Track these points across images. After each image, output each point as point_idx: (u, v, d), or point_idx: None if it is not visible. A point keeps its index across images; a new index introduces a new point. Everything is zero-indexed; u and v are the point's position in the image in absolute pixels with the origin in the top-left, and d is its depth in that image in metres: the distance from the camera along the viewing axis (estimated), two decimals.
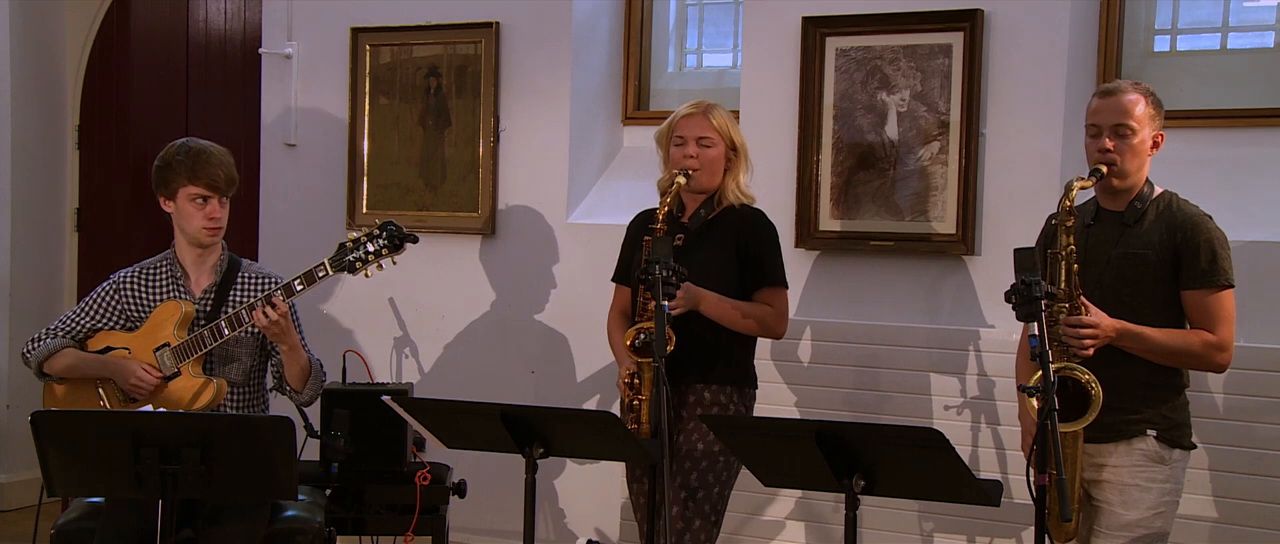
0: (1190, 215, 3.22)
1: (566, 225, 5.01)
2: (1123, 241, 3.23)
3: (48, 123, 6.03)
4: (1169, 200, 3.27)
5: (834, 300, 4.51)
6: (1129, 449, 3.19)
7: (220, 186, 3.66)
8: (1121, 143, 3.19)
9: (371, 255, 3.57)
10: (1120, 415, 3.16)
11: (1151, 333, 3.16)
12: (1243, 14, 4.38)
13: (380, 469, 4.16)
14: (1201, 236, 3.18)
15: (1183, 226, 3.19)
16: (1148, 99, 3.23)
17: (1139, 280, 3.20)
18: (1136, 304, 3.19)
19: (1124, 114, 3.19)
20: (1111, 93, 3.24)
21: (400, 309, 5.25)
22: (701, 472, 3.51)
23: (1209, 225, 3.21)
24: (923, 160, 4.35)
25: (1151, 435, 3.19)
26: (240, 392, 3.76)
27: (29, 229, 5.93)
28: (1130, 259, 3.21)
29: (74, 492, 3.54)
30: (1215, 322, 3.18)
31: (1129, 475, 3.19)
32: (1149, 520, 3.19)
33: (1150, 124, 3.22)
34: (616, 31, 5.18)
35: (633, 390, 3.50)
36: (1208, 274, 3.17)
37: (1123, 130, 3.19)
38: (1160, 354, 3.18)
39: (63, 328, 3.77)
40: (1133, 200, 3.25)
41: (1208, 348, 3.18)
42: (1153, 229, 3.22)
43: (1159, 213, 3.24)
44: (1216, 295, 3.18)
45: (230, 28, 5.80)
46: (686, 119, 3.61)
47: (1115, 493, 3.19)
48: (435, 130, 5.19)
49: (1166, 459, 3.21)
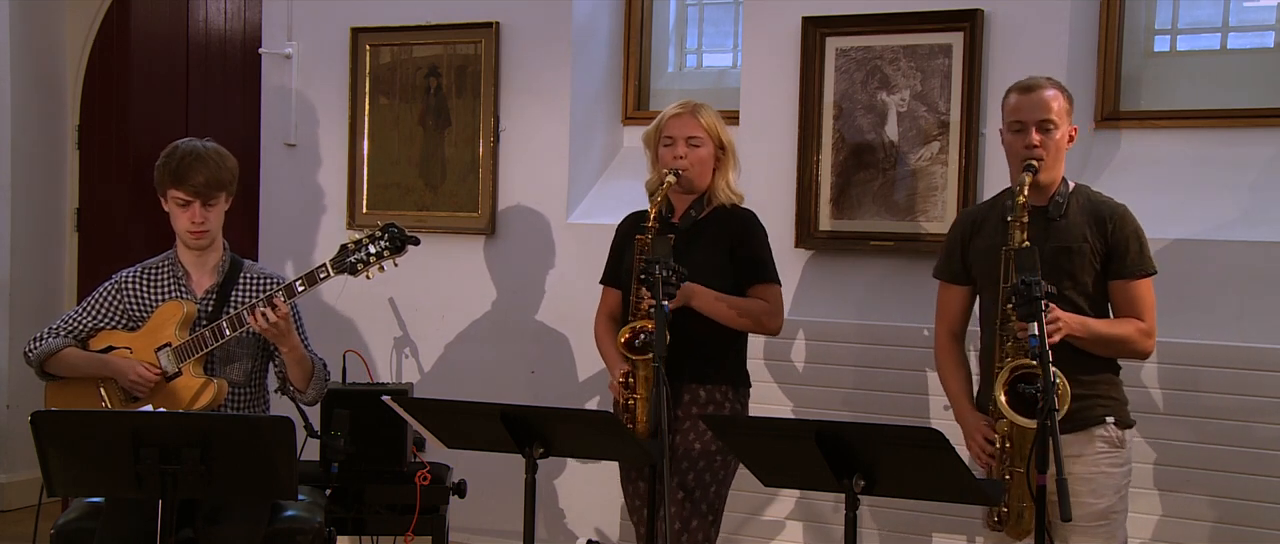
0: (1115, 207, 3.33)
1: (566, 225, 5.01)
2: (1053, 236, 3.30)
3: (48, 123, 6.03)
4: (1085, 191, 3.38)
5: (833, 300, 4.51)
6: (1089, 438, 3.27)
7: (200, 192, 3.65)
8: (1046, 138, 3.28)
9: (373, 257, 3.57)
10: (1077, 403, 3.19)
11: (1097, 324, 3.26)
12: (1243, 14, 4.38)
13: (380, 469, 4.16)
14: (1129, 228, 3.30)
15: (1111, 218, 3.30)
16: (1064, 94, 3.33)
17: (1074, 272, 3.28)
18: (1071, 295, 3.27)
19: (1046, 109, 3.28)
20: (1031, 88, 3.32)
21: (400, 309, 5.25)
22: (699, 471, 3.51)
23: (1132, 215, 3.34)
24: (922, 160, 4.35)
25: (1110, 422, 3.28)
26: (241, 392, 3.76)
27: (29, 229, 5.93)
28: (1064, 252, 3.28)
29: (74, 492, 3.54)
30: (1144, 309, 3.30)
31: (1093, 465, 3.27)
32: (1116, 504, 3.30)
33: (1067, 119, 3.33)
34: (616, 31, 5.18)
35: (627, 390, 3.49)
36: (1138, 264, 3.29)
37: (1047, 125, 3.28)
38: (1103, 344, 3.27)
39: (64, 327, 3.77)
40: (1053, 194, 3.33)
41: (1140, 335, 3.28)
42: (1078, 221, 3.30)
43: (1080, 205, 3.33)
44: (1144, 283, 3.31)
45: (230, 28, 5.80)
46: (675, 119, 3.60)
47: (1083, 484, 3.23)
48: (435, 130, 5.19)
49: (1123, 441, 3.31)
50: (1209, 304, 3.98)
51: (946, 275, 3.54)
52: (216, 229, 3.74)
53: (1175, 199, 4.13)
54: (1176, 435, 3.91)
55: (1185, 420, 3.91)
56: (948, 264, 3.53)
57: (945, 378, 3.55)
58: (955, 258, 3.50)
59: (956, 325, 3.55)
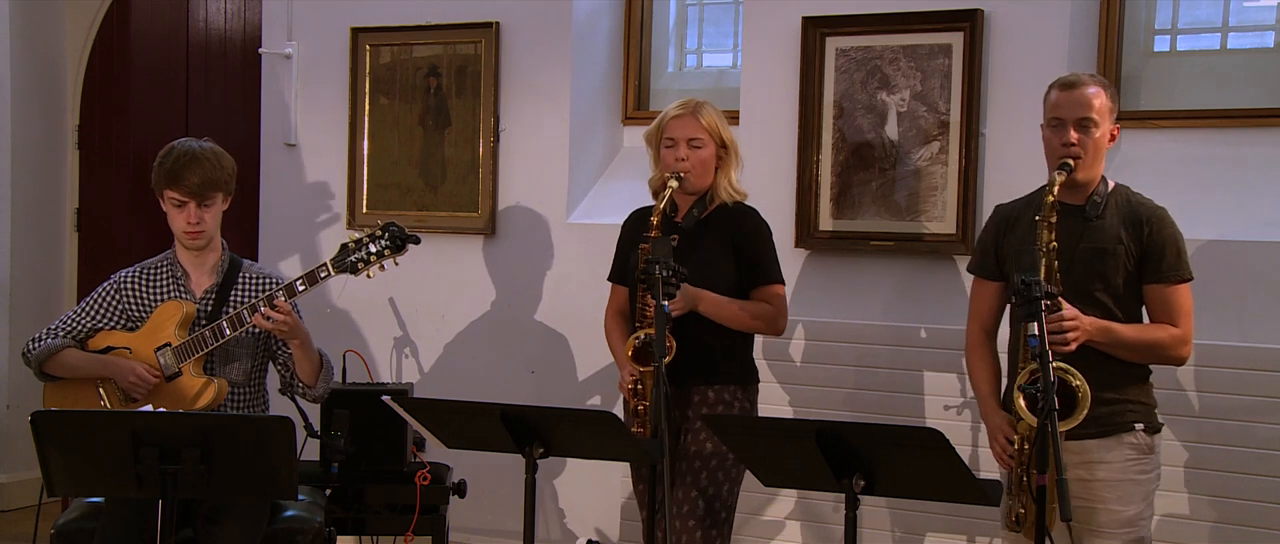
0: (1154, 209, 3.25)
1: (566, 225, 5.01)
2: (1087, 236, 3.23)
3: (48, 123, 6.03)
4: (1125, 193, 3.29)
5: (833, 300, 4.51)
6: (1118, 444, 3.20)
7: (195, 193, 3.64)
8: (1085, 136, 3.20)
9: (373, 256, 3.57)
10: (1106, 408, 3.16)
11: (1123, 329, 3.19)
12: (1243, 14, 4.38)
13: (380, 469, 4.16)
14: (1167, 231, 3.22)
15: (1149, 220, 3.22)
16: (1107, 92, 3.24)
17: (1106, 274, 3.21)
18: (1103, 298, 3.21)
19: (1087, 107, 3.20)
20: (1073, 85, 3.24)
21: (400, 309, 5.25)
22: (711, 471, 3.51)
23: (1171, 219, 3.25)
24: (923, 160, 4.35)
25: (1140, 429, 3.21)
26: (241, 392, 3.76)
27: (29, 229, 5.93)
28: (1097, 253, 3.21)
29: (74, 492, 3.53)
30: (1178, 315, 3.21)
31: (1121, 471, 3.20)
32: (1144, 510, 3.23)
33: (1109, 118, 3.24)
34: (616, 31, 5.18)
35: (636, 396, 3.50)
36: (1175, 268, 3.21)
37: (1086, 124, 3.20)
38: (1131, 349, 3.20)
39: (64, 328, 3.77)
40: (1091, 194, 3.26)
41: (1175, 341, 3.21)
42: (1115, 223, 3.23)
43: (1118, 206, 3.25)
44: (1180, 289, 3.22)
45: (230, 28, 5.80)
46: (676, 120, 3.60)
47: (1110, 490, 3.19)
48: (435, 130, 5.19)
49: (1154, 448, 3.25)
50: (1209, 304, 3.97)
51: (980, 271, 3.46)
52: (213, 229, 3.73)
53: (1175, 199, 4.08)
54: (1176, 435, 3.90)
55: (1185, 420, 3.90)
56: (981, 260, 3.46)
57: (974, 375, 3.47)
58: (989, 254, 3.42)
59: (989, 322, 3.46)
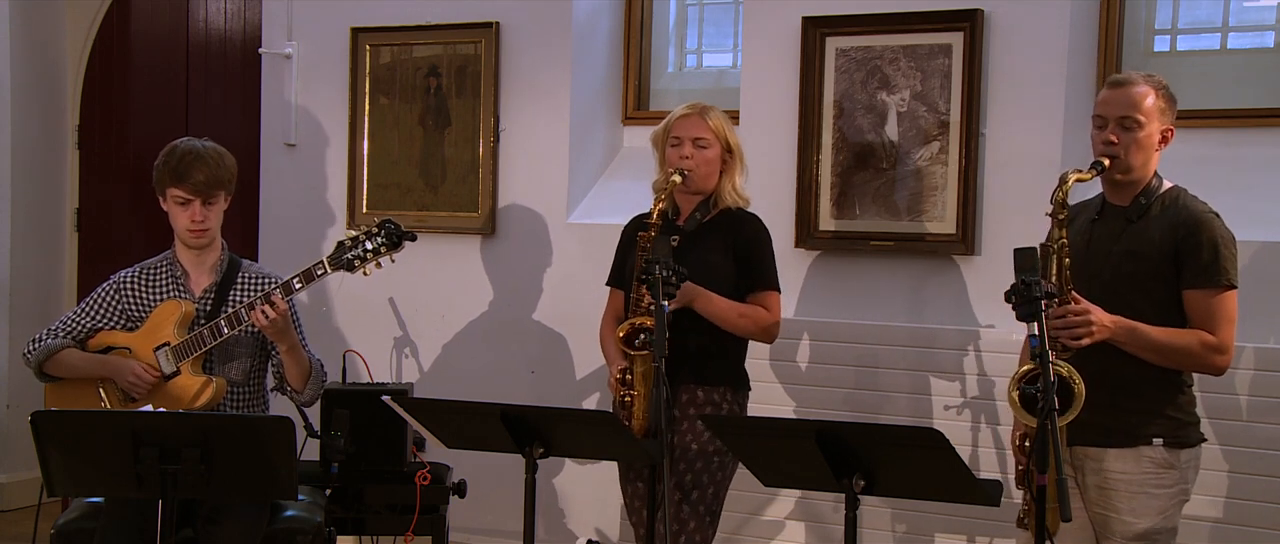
0: (1195, 212, 3.14)
1: (566, 225, 5.01)
2: (1125, 238, 3.17)
3: (48, 123, 6.03)
4: (1176, 196, 3.19)
5: (834, 300, 4.51)
6: (1136, 456, 3.12)
7: (200, 191, 3.65)
8: (1126, 136, 3.13)
9: (370, 253, 3.57)
10: (1125, 417, 3.11)
11: (1149, 330, 3.08)
12: (1243, 14, 4.38)
13: (380, 469, 4.15)
14: (1204, 234, 3.09)
15: (1186, 224, 3.11)
16: (1159, 92, 3.16)
17: (1138, 277, 3.13)
18: (1136, 301, 3.12)
19: (1132, 106, 3.12)
20: (1121, 84, 3.17)
21: (400, 309, 5.25)
22: (696, 472, 3.51)
23: (1214, 223, 3.13)
24: (923, 160, 4.35)
25: (1159, 443, 3.12)
26: (240, 391, 3.76)
27: (29, 229, 5.93)
28: (1131, 256, 3.14)
29: (74, 492, 3.54)
30: (1216, 322, 3.08)
31: (1137, 484, 3.12)
32: (1160, 524, 3.14)
33: (1160, 118, 3.15)
34: (616, 31, 5.18)
35: (624, 386, 3.49)
36: (1209, 273, 3.08)
37: (1129, 123, 3.12)
38: (1157, 353, 3.10)
39: (63, 328, 3.77)
40: (1137, 195, 3.18)
41: (1206, 349, 3.08)
42: (1156, 226, 3.14)
43: (1164, 209, 3.16)
44: (1218, 296, 3.09)
45: (230, 28, 5.80)
46: (683, 120, 3.60)
47: (1124, 501, 3.12)
48: (435, 130, 5.18)
49: (1176, 463, 3.14)
50: None
51: None
52: (216, 228, 3.74)
53: None
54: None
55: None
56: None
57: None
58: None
59: None
